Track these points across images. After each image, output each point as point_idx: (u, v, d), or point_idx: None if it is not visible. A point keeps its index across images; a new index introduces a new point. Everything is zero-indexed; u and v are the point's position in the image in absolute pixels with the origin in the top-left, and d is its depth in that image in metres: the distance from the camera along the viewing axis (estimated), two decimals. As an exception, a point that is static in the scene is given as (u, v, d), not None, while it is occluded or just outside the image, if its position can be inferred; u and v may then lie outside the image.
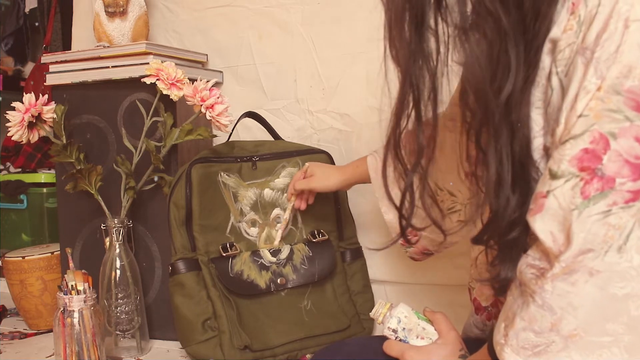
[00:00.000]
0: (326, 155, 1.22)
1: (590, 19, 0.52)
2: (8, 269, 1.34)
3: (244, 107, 1.28)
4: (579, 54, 0.52)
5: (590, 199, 0.50)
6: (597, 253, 0.49)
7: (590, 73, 0.51)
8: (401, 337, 0.77)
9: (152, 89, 1.12)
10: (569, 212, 0.50)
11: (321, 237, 1.18)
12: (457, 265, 1.15)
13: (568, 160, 0.51)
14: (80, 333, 1.03)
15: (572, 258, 0.50)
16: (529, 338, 0.53)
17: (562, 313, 0.51)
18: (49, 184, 1.67)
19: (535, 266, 0.54)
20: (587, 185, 0.50)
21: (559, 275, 0.51)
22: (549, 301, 0.51)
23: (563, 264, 0.50)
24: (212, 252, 1.10)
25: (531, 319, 0.53)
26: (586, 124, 0.51)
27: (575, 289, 0.50)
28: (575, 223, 0.50)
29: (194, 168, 1.10)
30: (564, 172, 0.52)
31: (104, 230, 1.17)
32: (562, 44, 0.54)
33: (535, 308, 0.53)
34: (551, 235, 0.52)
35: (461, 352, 0.73)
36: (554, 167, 0.53)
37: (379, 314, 0.79)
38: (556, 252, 0.51)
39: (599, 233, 0.49)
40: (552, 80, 0.55)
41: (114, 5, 1.27)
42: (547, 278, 0.52)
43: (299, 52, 1.31)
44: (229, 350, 1.04)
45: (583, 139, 0.51)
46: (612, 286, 0.49)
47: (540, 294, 0.52)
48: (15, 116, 1.13)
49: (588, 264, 0.49)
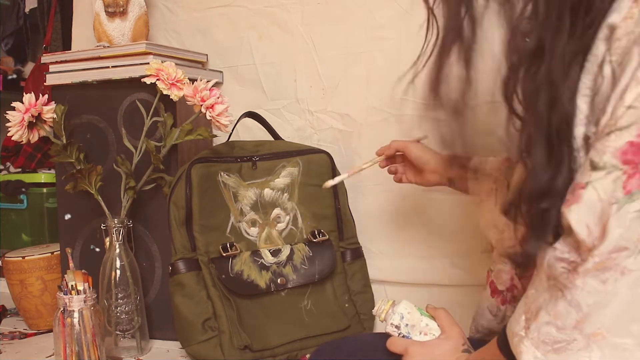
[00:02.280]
0: (326, 155, 1.22)
1: None
2: (8, 269, 1.34)
3: (244, 107, 1.28)
4: (637, 43, 0.50)
5: (632, 195, 0.48)
6: (631, 252, 0.48)
7: None
8: (404, 333, 0.77)
9: (152, 89, 1.12)
10: (609, 205, 0.49)
11: (321, 237, 1.18)
12: (457, 265, 1.15)
13: (612, 152, 0.50)
14: (80, 333, 1.03)
15: (607, 254, 0.49)
16: (550, 333, 0.52)
17: (588, 311, 0.50)
18: (49, 184, 1.67)
19: (565, 259, 0.53)
20: (630, 180, 0.48)
21: (591, 271, 0.50)
22: (578, 297, 0.51)
23: (597, 259, 0.49)
24: (212, 252, 1.10)
25: (557, 314, 0.52)
26: (634, 116, 0.49)
27: (605, 288, 0.49)
28: (614, 217, 0.48)
29: (194, 168, 1.10)
30: (606, 163, 0.50)
31: (104, 230, 1.17)
32: (619, 32, 0.52)
33: (562, 304, 0.52)
34: (586, 228, 0.50)
35: (464, 347, 0.73)
36: (595, 158, 0.51)
37: (381, 310, 0.80)
38: (590, 245, 0.50)
39: (636, 231, 0.48)
40: (604, 69, 0.53)
41: (114, 5, 1.27)
42: (579, 273, 0.51)
43: (299, 52, 1.31)
44: (229, 350, 1.04)
45: (629, 131, 0.49)
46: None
47: (571, 290, 0.51)
48: (15, 116, 1.13)
49: (621, 262, 0.48)
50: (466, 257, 1.08)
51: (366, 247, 1.26)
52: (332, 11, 1.27)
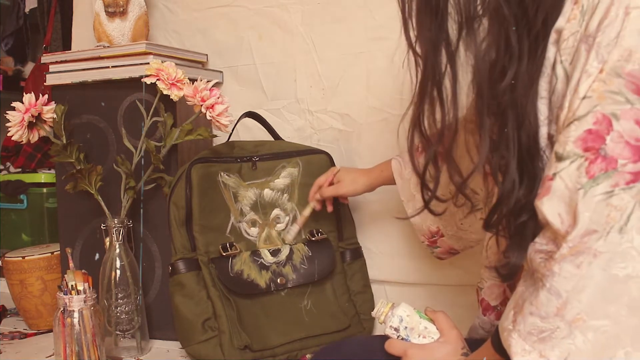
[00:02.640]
0: (326, 155, 1.22)
1: (593, 7, 0.53)
2: (8, 269, 1.34)
3: (244, 107, 1.28)
4: (582, 41, 0.54)
5: (595, 178, 0.51)
6: (600, 234, 0.50)
7: (592, 57, 0.52)
8: (403, 335, 0.77)
9: (152, 89, 1.12)
10: (575, 191, 0.51)
11: (320, 236, 1.18)
12: (457, 265, 1.15)
13: (573, 142, 0.52)
14: (80, 333, 1.03)
15: (579, 238, 0.51)
16: (535, 323, 0.54)
17: (567, 296, 0.51)
18: (49, 184, 1.67)
19: (543, 251, 0.55)
20: (591, 165, 0.51)
21: (566, 256, 0.52)
22: (556, 284, 0.52)
23: (570, 244, 0.51)
24: (212, 252, 1.10)
25: (539, 304, 0.54)
26: (590, 105, 0.52)
27: (580, 272, 0.51)
28: (581, 202, 0.51)
29: (194, 168, 1.10)
30: (569, 153, 0.53)
31: (104, 230, 1.17)
32: (566, 33, 0.56)
33: (543, 293, 0.53)
34: (559, 217, 0.53)
35: (463, 350, 0.73)
36: (559, 150, 0.54)
37: (380, 313, 0.79)
38: (563, 233, 0.52)
39: (602, 213, 0.50)
40: (557, 69, 0.57)
41: (114, 5, 1.27)
42: (555, 260, 0.52)
43: (299, 52, 1.31)
44: (229, 350, 1.04)
45: (587, 120, 0.52)
46: (613, 267, 0.50)
47: (549, 278, 0.53)
48: (15, 116, 1.13)
49: (592, 245, 0.50)
50: (466, 257, 1.08)
51: (366, 247, 1.26)
52: (332, 11, 1.27)
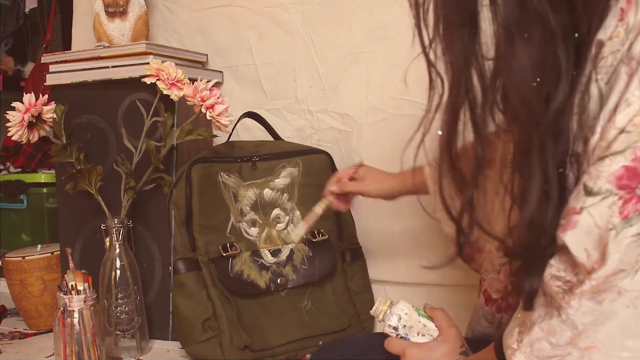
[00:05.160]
0: (326, 155, 1.22)
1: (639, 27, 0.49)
2: (8, 269, 1.34)
3: (244, 107, 1.28)
4: (623, 63, 0.50)
5: (629, 220, 0.48)
6: (627, 272, 0.48)
7: (634, 85, 0.48)
8: (402, 334, 0.77)
9: (152, 89, 1.12)
10: (606, 231, 0.49)
11: (321, 237, 1.18)
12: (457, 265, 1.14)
13: (606, 177, 0.49)
14: (80, 333, 1.03)
15: (605, 278, 0.49)
16: (543, 348, 0.52)
17: (583, 329, 0.50)
18: (49, 184, 1.67)
19: (561, 278, 0.53)
20: (626, 205, 0.48)
21: (587, 293, 0.50)
22: (573, 317, 0.50)
23: (594, 282, 0.49)
24: (212, 252, 1.10)
25: (550, 331, 0.52)
26: (629, 141, 0.48)
27: (601, 307, 0.49)
28: (612, 243, 0.48)
29: (194, 168, 1.10)
30: (600, 189, 0.49)
31: (104, 230, 1.17)
32: (605, 51, 0.51)
33: (557, 322, 0.52)
34: (585, 252, 0.50)
35: (462, 349, 0.73)
36: (589, 184, 0.50)
37: (379, 311, 0.79)
38: (589, 269, 0.50)
39: (633, 254, 0.48)
40: (591, 87, 0.52)
41: (114, 5, 1.27)
42: (575, 294, 0.50)
43: (299, 52, 1.31)
44: (229, 350, 1.04)
45: (624, 155, 0.48)
46: (639, 305, 0.48)
47: (566, 310, 0.51)
48: (15, 116, 1.13)
49: (618, 283, 0.48)
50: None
51: (366, 247, 1.26)
52: (332, 11, 1.27)
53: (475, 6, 0.54)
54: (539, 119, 0.52)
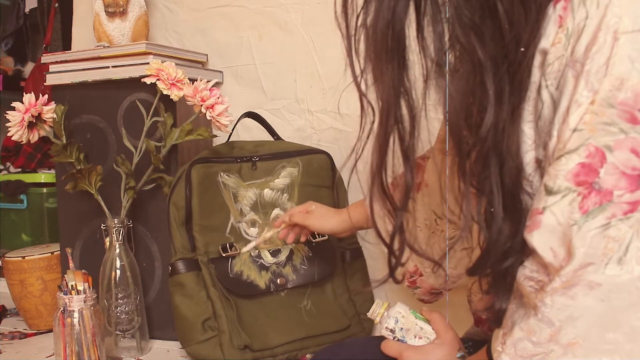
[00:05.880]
0: (326, 155, 1.22)
1: (579, 31, 0.51)
2: (8, 269, 1.34)
3: (244, 107, 1.28)
4: (569, 66, 0.52)
5: (589, 213, 0.49)
6: (597, 266, 0.49)
7: (582, 86, 0.50)
8: (399, 337, 0.77)
9: (152, 89, 1.12)
10: (569, 227, 0.50)
11: (321, 238, 1.18)
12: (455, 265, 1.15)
13: (564, 176, 0.51)
14: (80, 333, 1.03)
15: (573, 272, 0.50)
16: (526, 348, 0.53)
17: (561, 325, 0.51)
18: (49, 184, 1.67)
19: (533, 278, 0.54)
20: (585, 200, 0.50)
21: (559, 289, 0.51)
22: (548, 315, 0.51)
23: (564, 278, 0.50)
24: (212, 253, 1.10)
25: (529, 330, 0.53)
26: (581, 138, 0.50)
27: (575, 302, 0.50)
28: (576, 238, 0.49)
29: (194, 168, 1.10)
30: (560, 187, 0.51)
31: (104, 230, 1.17)
32: (550, 57, 0.53)
33: (534, 321, 0.53)
34: (551, 251, 0.52)
35: (459, 351, 0.73)
36: (549, 183, 0.52)
37: (376, 314, 0.79)
38: (557, 267, 0.51)
39: (598, 246, 0.49)
40: (542, 94, 0.55)
41: (114, 5, 1.27)
42: (547, 292, 0.52)
43: (299, 52, 1.31)
44: (229, 350, 1.04)
45: (578, 153, 0.50)
46: (613, 298, 0.49)
47: (541, 308, 0.52)
48: (15, 116, 1.13)
49: (588, 277, 0.49)
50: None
51: (366, 247, 1.26)
52: (332, 11, 1.26)
53: (404, 40, 0.54)
54: (473, 144, 0.54)
